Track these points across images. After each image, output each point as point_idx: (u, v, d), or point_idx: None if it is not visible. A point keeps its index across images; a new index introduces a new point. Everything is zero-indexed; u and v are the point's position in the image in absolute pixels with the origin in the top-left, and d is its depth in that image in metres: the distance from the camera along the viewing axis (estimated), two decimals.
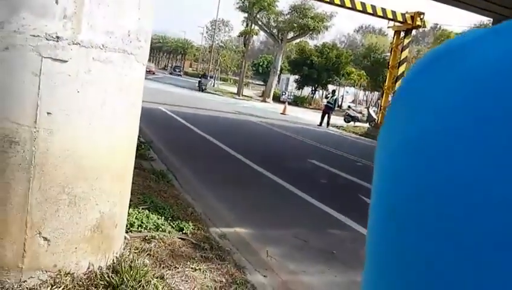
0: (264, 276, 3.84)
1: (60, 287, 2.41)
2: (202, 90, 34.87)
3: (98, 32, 2.38)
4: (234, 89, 41.86)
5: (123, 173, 2.75)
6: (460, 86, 0.24)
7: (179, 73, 59.58)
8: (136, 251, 3.46)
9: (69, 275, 2.50)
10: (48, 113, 2.30)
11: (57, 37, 2.24)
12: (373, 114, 23.06)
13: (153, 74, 43.86)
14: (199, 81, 36.83)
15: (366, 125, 22.25)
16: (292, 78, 41.30)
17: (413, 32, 20.47)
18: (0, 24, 2.14)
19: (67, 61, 2.29)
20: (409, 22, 18.46)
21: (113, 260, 2.76)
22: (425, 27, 19.93)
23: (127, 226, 3.69)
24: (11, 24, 2.13)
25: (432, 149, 0.23)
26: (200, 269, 3.53)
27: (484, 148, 0.21)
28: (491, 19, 14.95)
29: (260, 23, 34.38)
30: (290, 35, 33.84)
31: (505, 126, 0.21)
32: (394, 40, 20.25)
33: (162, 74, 62.49)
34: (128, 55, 2.57)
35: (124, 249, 3.40)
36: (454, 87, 0.24)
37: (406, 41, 19.42)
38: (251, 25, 35.90)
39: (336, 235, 5.40)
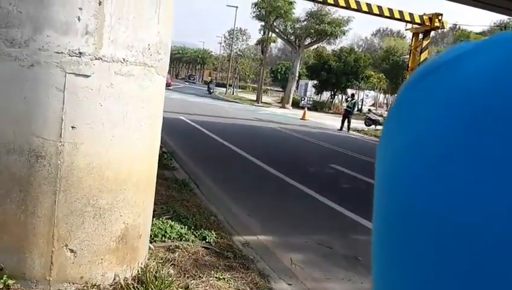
0: (289, 284, 3.82)
1: None
2: (210, 93, 42.47)
3: (119, 47, 2.42)
4: (253, 96, 42.01)
5: (146, 183, 2.78)
6: (450, 98, 0.24)
7: (193, 81, 63.22)
8: (160, 261, 3.49)
9: (95, 286, 2.54)
10: (72, 127, 2.35)
11: (80, 53, 2.29)
12: None
13: (169, 85, 40.47)
14: (208, 87, 44.70)
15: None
16: (310, 83, 41.19)
17: (432, 33, 20.24)
18: (26, 42, 2.20)
19: (89, 76, 2.34)
20: (427, 23, 18.25)
21: (138, 271, 2.79)
22: (444, 28, 19.68)
23: (151, 236, 3.73)
24: (36, 42, 2.19)
25: (421, 156, 0.23)
26: (224, 278, 3.53)
27: (476, 157, 0.21)
28: (511, 18, 14.64)
29: (277, 30, 34.47)
30: (307, 41, 33.81)
31: (494, 135, 0.21)
32: (413, 42, 20.05)
33: (182, 84, 63.28)
34: (148, 68, 2.61)
35: (148, 259, 3.43)
36: (444, 99, 0.24)
37: (425, 43, 19.21)
38: (268, 33, 36.03)
39: (360, 240, 5.33)
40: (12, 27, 2.21)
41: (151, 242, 3.76)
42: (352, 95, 24.52)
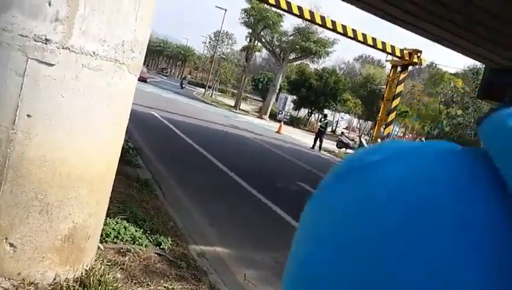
0: None
1: None
2: (182, 88, 47.49)
3: (90, 39, 2.31)
4: (232, 102, 41.91)
5: (102, 183, 2.66)
6: (352, 203, 0.28)
7: (165, 74, 64.76)
8: (108, 263, 3.34)
9: (32, 284, 2.39)
10: (27, 115, 2.22)
11: (46, 40, 2.17)
12: (364, 143, 23.11)
13: (145, 81, 34.62)
14: (181, 82, 50.70)
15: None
16: (290, 98, 41.44)
17: (410, 68, 20.75)
18: None
19: (54, 65, 2.22)
20: (407, 58, 18.72)
21: (82, 273, 2.65)
22: (422, 65, 20.26)
23: (102, 236, 3.58)
24: (0, 21, 2.06)
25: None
26: (173, 288, 3.41)
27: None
28: (484, 65, 15.13)
29: (263, 40, 34.59)
30: (292, 56, 34.05)
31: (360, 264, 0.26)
32: (391, 74, 20.49)
33: (160, 78, 62.51)
34: (120, 65, 2.50)
35: (96, 260, 3.29)
36: (348, 202, 0.29)
37: (402, 76, 19.66)
38: (254, 41, 36.10)
39: None
40: None
41: (101, 242, 3.61)
42: (325, 115, 24.86)
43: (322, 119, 23.54)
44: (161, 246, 4.11)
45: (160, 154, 9.25)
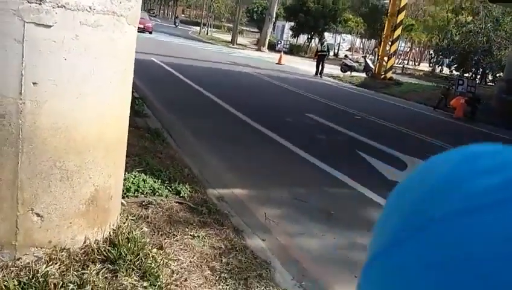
0: (263, 240, 3.81)
1: (56, 264, 2.34)
2: (176, 26, 50.68)
3: None
4: (228, 37, 40.83)
5: (117, 143, 2.61)
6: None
7: (153, 15, 68.47)
8: (133, 219, 3.39)
9: (64, 250, 2.43)
10: (33, 83, 2.12)
11: (40, 0, 2.02)
12: (370, 63, 22.62)
13: (150, 32, 31.48)
14: (174, 21, 54.00)
15: (363, 75, 21.87)
16: (288, 25, 40.18)
17: None
18: None
19: (51, 26, 2.08)
20: None
21: (110, 233, 2.68)
22: None
23: (123, 191, 3.60)
24: None
25: None
26: (198, 235, 3.47)
27: None
28: None
29: None
30: None
31: None
32: None
33: (154, 21, 60.66)
34: (118, 18, 2.36)
35: (121, 215, 3.33)
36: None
37: None
38: None
39: (334, 193, 5.37)
40: None
41: (123, 197, 3.64)
42: (320, 38, 23.88)
43: (321, 42, 22.42)
44: (181, 195, 4.14)
45: (165, 101, 9.15)
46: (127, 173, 3.97)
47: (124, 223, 3.00)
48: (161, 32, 36.73)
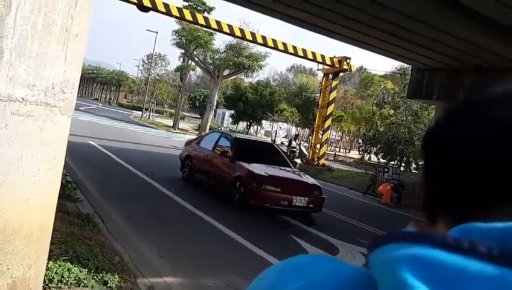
0: None
1: None
2: (110, 104, 55.16)
3: (18, 85, 2.24)
4: (170, 122, 41.35)
5: (40, 232, 2.55)
6: None
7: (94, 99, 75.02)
8: None
9: None
10: None
11: None
12: (304, 150, 23.68)
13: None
14: (109, 102, 61.28)
15: (298, 161, 22.73)
16: (228, 112, 41.63)
17: (341, 74, 21.64)
18: None
19: None
20: (337, 65, 19.51)
21: None
22: (351, 70, 21.22)
23: (44, 281, 3.42)
24: None
25: None
26: None
27: None
28: (410, 66, 16.13)
29: (197, 59, 34.59)
30: (226, 72, 34.30)
31: None
32: (323, 82, 21.24)
33: (95, 104, 60.63)
34: (51, 108, 2.44)
35: None
36: None
37: (334, 83, 20.48)
38: (188, 61, 36.00)
39: None
40: None
41: (44, 289, 3.44)
42: (295, 137, 24.45)
43: (293, 140, 22.69)
44: (108, 285, 3.98)
45: (100, 185, 8.95)
46: (51, 262, 3.79)
47: None
48: (102, 116, 36.58)
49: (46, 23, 2.31)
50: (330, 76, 20.52)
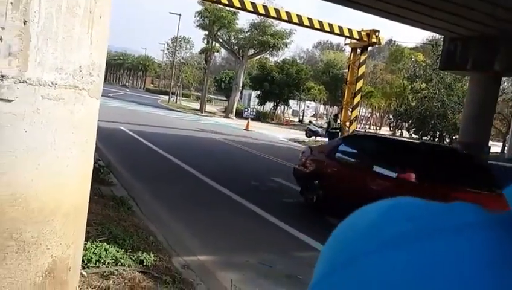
0: None
1: None
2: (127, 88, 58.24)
3: (46, 69, 2.27)
4: (197, 105, 41.67)
5: (77, 213, 2.62)
6: None
7: (127, 87, 76.20)
8: None
9: None
10: None
11: (2, 76, 2.12)
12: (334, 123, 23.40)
13: None
14: (125, 85, 64.78)
15: (327, 139, 22.54)
16: (254, 93, 41.53)
17: (370, 48, 21.07)
18: None
19: (13, 100, 2.17)
20: (365, 39, 18.99)
21: None
22: (381, 44, 20.57)
23: (83, 261, 3.53)
24: None
25: None
26: None
27: None
28: (442, 36, 15.57)
29: (221, 40, 34.54)
30: (251, 52, 34.13)
31: None
32: (351, 57, 20.75)
33: (122, 90, 61.58)
34: (80, 91, 2.46)
35: (80, 288, 3.23)
36: None
37: (363, 58, 19.96)
38: (212, 42, 35.96)
39: (301, 258, 5.36)
40: None
41: (83, 268, 3.56)
42: (336, 115, 21.45)
43: (334, 119, 20.44)
44: (144, 263, 4.07)
45: (132, 169, 9.14)
46: (88, 243, 3.90)
47: None
48: (131, 102, 37.16)
49: (69, 6, 2.31)
50: (358, 50, 20.03)
